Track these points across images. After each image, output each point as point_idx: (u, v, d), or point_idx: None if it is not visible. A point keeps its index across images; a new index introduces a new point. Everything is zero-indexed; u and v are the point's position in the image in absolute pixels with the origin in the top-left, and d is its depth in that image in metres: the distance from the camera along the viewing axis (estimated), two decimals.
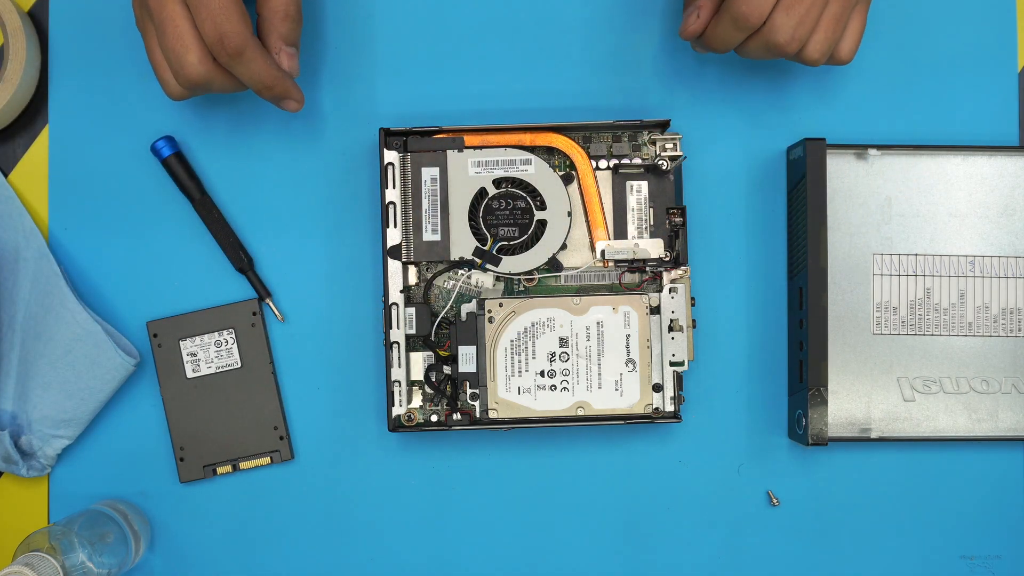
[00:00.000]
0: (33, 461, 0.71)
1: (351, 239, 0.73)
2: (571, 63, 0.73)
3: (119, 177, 0.73)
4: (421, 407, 0.70)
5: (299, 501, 0.73)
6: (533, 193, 0.70)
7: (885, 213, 0.71)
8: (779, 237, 0.73)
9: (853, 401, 0.71)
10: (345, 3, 0.73)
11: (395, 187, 0.70)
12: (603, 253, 0.70)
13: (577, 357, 0.68)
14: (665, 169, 0.70)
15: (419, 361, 0.70)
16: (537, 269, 0.70)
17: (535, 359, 0.68)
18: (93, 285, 0.73)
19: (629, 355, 0.68)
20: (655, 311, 0.69)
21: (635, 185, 0.71)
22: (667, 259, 0.70)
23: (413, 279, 0.70)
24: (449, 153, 0.69)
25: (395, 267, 0.70)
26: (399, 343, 0.69)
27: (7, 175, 0.73)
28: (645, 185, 0.71)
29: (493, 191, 0.70)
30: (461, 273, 0.70)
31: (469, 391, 0.69)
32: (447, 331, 0.70)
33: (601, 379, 0.68)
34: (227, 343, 0.72)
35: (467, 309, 0.69)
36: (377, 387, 0.73)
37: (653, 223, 0.70)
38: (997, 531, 0.73)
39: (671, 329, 0.69)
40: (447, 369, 0.70)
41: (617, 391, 0.68)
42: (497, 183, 0.70)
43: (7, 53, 0.70)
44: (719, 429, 0.73)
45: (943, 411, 0.71)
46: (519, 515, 0.73)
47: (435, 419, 0.70)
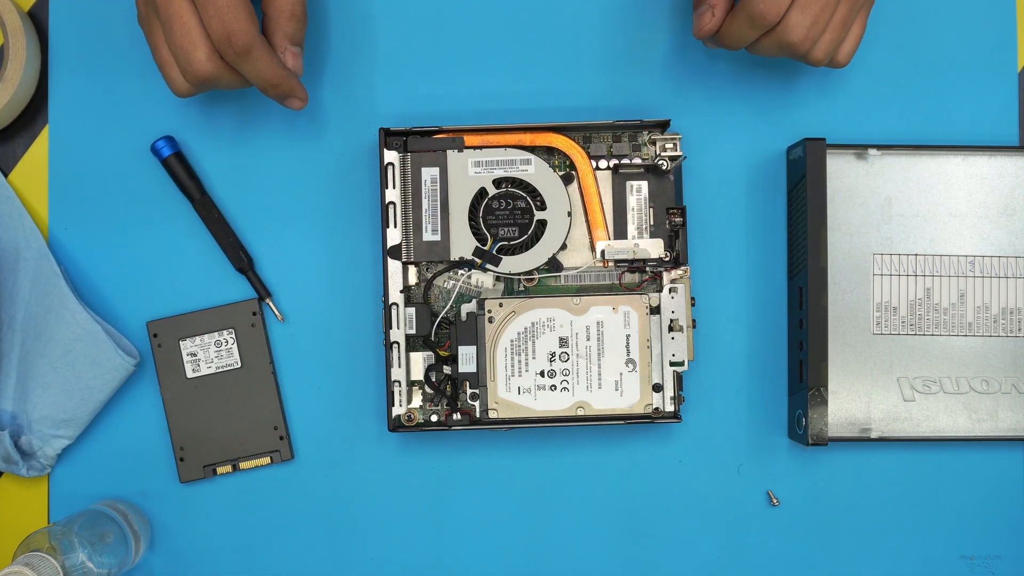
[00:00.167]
0: (33, 461, 0.71)
1: (351, 239, 0.73)
2: (571, 63, 0.73)
3: (119, 177, 0.73)
4: (421, 407, 0.70)
5: (299, 501, 0.73)
6: (533, 193, 0.70)
7: (885, 213, 0.71)
8: (779, 237, 0.73)
9: (853, 401, 0.71)
10: (346, 3, 0.73)
11: (395, 187, 0.70)
12: (603, 253, 0.70)
13: (577, 357, 0.68)
14: (665, 169, 0.70)
15: (419, 361, 0.70)
16: (537, 269, 0.70)
17: (535, 359, 0.68)
18: (93, 285, 0.73)
19: (629, 355, 0.68)
20: (655, 311, 0.69)
21: (635, 185, 0.70)
22: (667, 259, 0.70)
23: (413, 279, 0.70)
24: (449, 153, 0.69)
25: (395, 267, 0.70)
26: (399, 343, 0.69)
27: (7, 175, 0.73)
28: (645, 185, 0.71)
29: (493, 191, 0.70)
30: (461, 273, 0.70)
31: (469, 391, 0.69)
32: (447, 331, 0.70)
33: (601, 379, 0.68)
34: (227, 343, 0.72)
35: (467, 309, 0.69)
36: (377, 387, 0.73)
37: (653, 223, 0.70)
38: (997, 531, 0.73)
39: (671, 329, 0.69)
40: (447, 369, 0.70)
41: (617, 391, 0.68)
42: (497, 183, 0.70)
43: (7, 53, 0.70)
44: (719, 429, 0.73)
45: (943, 411, 0.71)
46: (519, 515, 0.73)
47: (435, 419, 0.70)
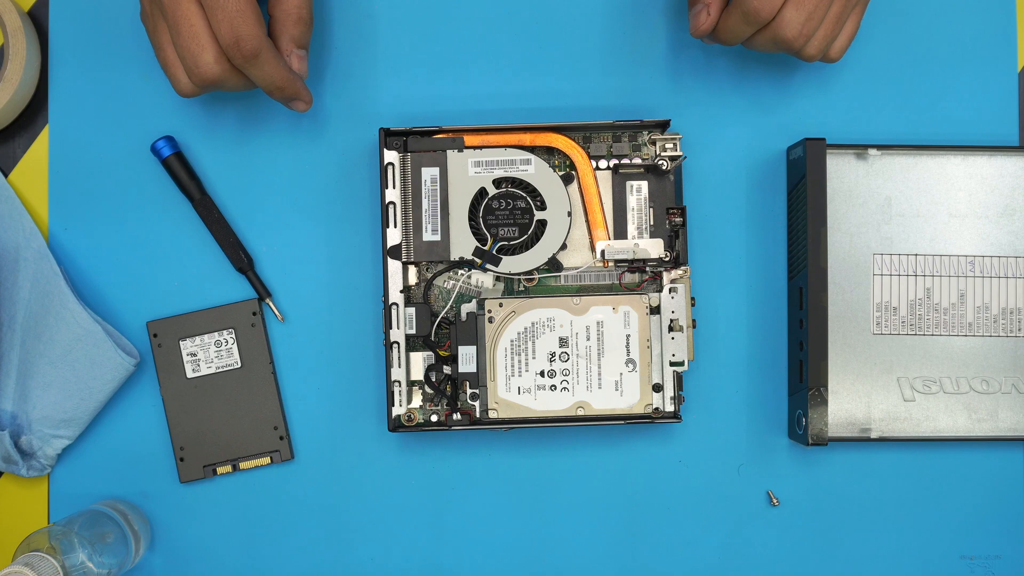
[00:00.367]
0: (33, 461, 0.71)
1: (351, 239, 0.73)
2: (571, 63, 0.73)
3: (119, 177, 0.73)
4: (421, 407, 0.70)
5: (299, 501, 0.73)
6: (533, 193, 0.70)
7: (885, 213, 0.71)
8: (779, 237, 0.73)
9: (853, 401, 0.71)
10: (346, 3, 0.73)
11: (395, 187, 0.70)
12: (603, 253, 0.70)
13: (577, 357, 0.68)
14: (665, 169, 0.70)
15: (419, 361, 0.70)
16: (537, 269, 0.70)
17: (535, 359, 0.68)
18: (93, 285, 0.73)
19: (629, 355, 0.68)
20: (655, 311, 0.69)
21: (635, 185, 0.70)
22: (667, 259, 0.70)
23: (413, 279, 0.70)
24: (449, 153, 0.69)
25: (395, 267, 0.70)
26: (399, 343, 0.69)
27: (7, 175, 0.73)
28: (645, 185, 0.71)
29: (493, 191, 0.70)
30: (461, 273, 0.70)
31: (469, 391, 0.69)
32: (447, 331, 0.70)
33: (601, 379, 0.68)
34: (227, 343, 0.72)
35: (467, 309, 0.69)
36: (377, 387, 0.73)
37: (653, 223, 0.70)
38: (997, 531, 0.73)
39: (671, 329, 0.69)
40: (447, 369, 0.70)
41: (617, 391, 0.68)
42: (497, 183, 0.70)
43: (7, 53, 0.70)
44: (719, 429, 0.73)
45: (943, 411, 0.71)
46: (519, 515, 0.73)
47: (435, 419, 0.70)
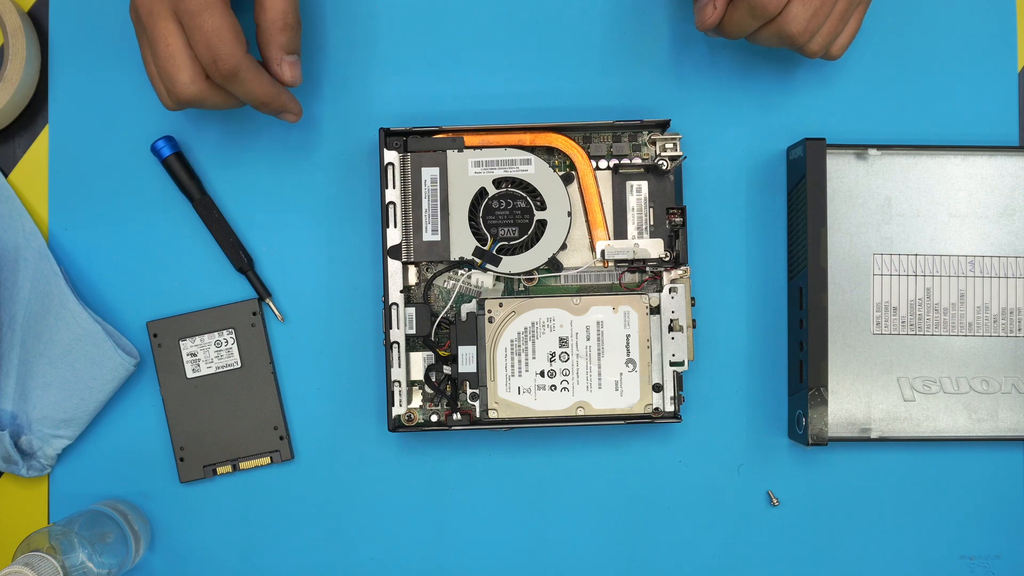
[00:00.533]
0: (33, 461, 0.71)
1: (351, 239, 0.73)
2: (571, 63, 0.73)
3: (119, 177, 0.73)
4: (421, 407, 0.70)
5: (299, 501, 0.73)
6: (533, 193, 0.70)
7: (885, 213, 0.71)
8: (779, 237, 0.73)
9: (853, 401, 0.71)
10: (345, 3, 0.73)
11: (395, 187, 0.70)
12: (603, 253, 0.70)
13: (577, 357, 0.68)
14: (665, 169, 0.70)
15: (419, 361, 0.70)
16: (537, 269, 0.70)
17: (535, 359, 0.68)
18: (93, 285, 0.73)
19: (629, 355, 0.68)
20: (655, 311, 0.69)
21: (635, 185, 0.70)
22: (667, 259, 0.70)
23: (413, 279, 0.70)
24: (449, 153, 0.69)
25: (395, 267, 0.70)
26: (399, 343, 0.69)
27: (7, 175, 0.73)
28: (645, 185, 0.71)
29: (493, 191, 0.70)
30: (461, 273, 0.70)
31: (469, 391, 0.69)
32: (447, 331, 0.70)
33: (601, 379, 0.68)
34: (227, 343, 0.72)
35: (467, 309, 0.69)
36: (377, 387, 0.73)
37: (653, 223, 0.70)
38: (997, 531, 0.73)
39: (671, 329, 0.69)
40: (447, 369, 0.70)
41: (617, 391, 0.68)
42: (497, 183, 0.70)
43: (7, 53, 0.70)
44: (719, 429, 0.73)
45: (943, 411, 0.71)
46: (519, 515, 0.73)
47: (435, 419, 0.70)
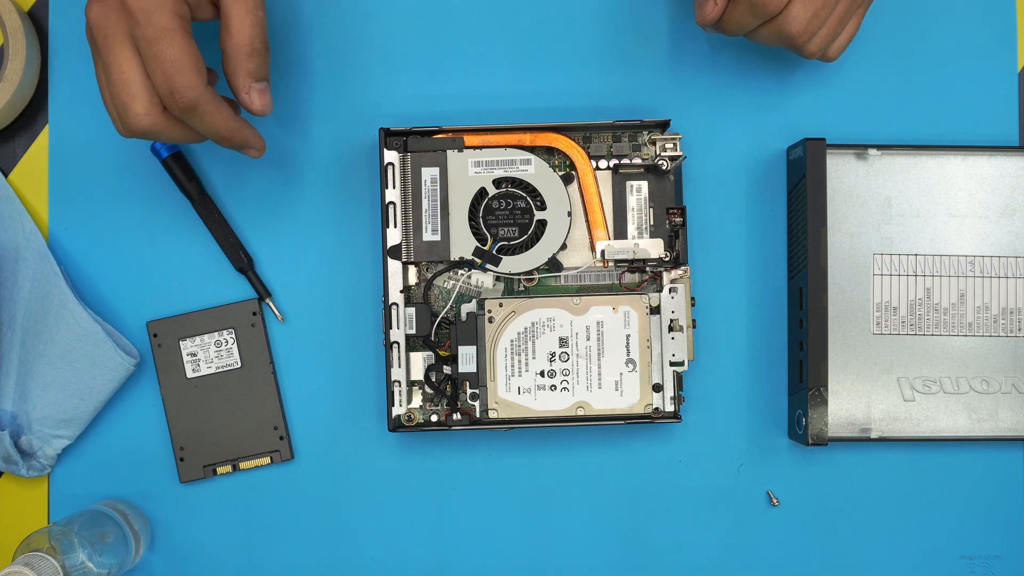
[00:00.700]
0: (33, 461, 0.71)
1: (351, 239, 0.73)
2: (571, 63, 0.73)
3: (119, 177, 0.73)
4: (421, 407, 0.70)
5: (299, 501, 0.73)
6: (533, 193, 0.70)
7: (885, 213, 0.71)
8: (779, 237, 0.73)
9: (853, 401, 0.71)
10: (345, 3, 0.73)
11: (395, 187, 0.70)
12: (603, 253, 0.70)
13: (577, 357, 0.68)
14: (665, 169, 0.70)
15: (419, 361, 0.70)
16: (537, 269, 0.70)
17: (535, 359, 0.68)
18: (93, 285, 0.73)
19: (629, 355, 0.68)
20: (655, 311, 0.69)
21: (635, 185, 0.70)
22: (667, 259, 0.70)
23: (413, 279, 0.70)
24: (449, 153, 0.69)
25: (395, 267, 0.70)
26: (399, 343, 0.69)
27: (7, 175, 0.73)
28: (645, 185, 0.71)
29: (493, 191, 0.70)
30: (461, 273, 0.70)
31: (469, 391, 0.69)
32: (447, 331, 0.70)
33: (601, 379, 0.68)
34: (227, 343, 0.72)
35: (467, 309, 0.69)
36: (377, 387, 0.73)
37: (653, 223, 0.70)
38: (997, 531, 0.73)
39: (671, 329, 0.69)
40: (447, 369, 0.70)
41: (617, 391, 0.68)
42: (497, 183, 0.70)
43: (7, 53, 0.70)
44: (719, 429, 0.73)
45: (943, 411, 0.71)
46: (519, 515, 0.73)
47: (435, 419, 0.70)
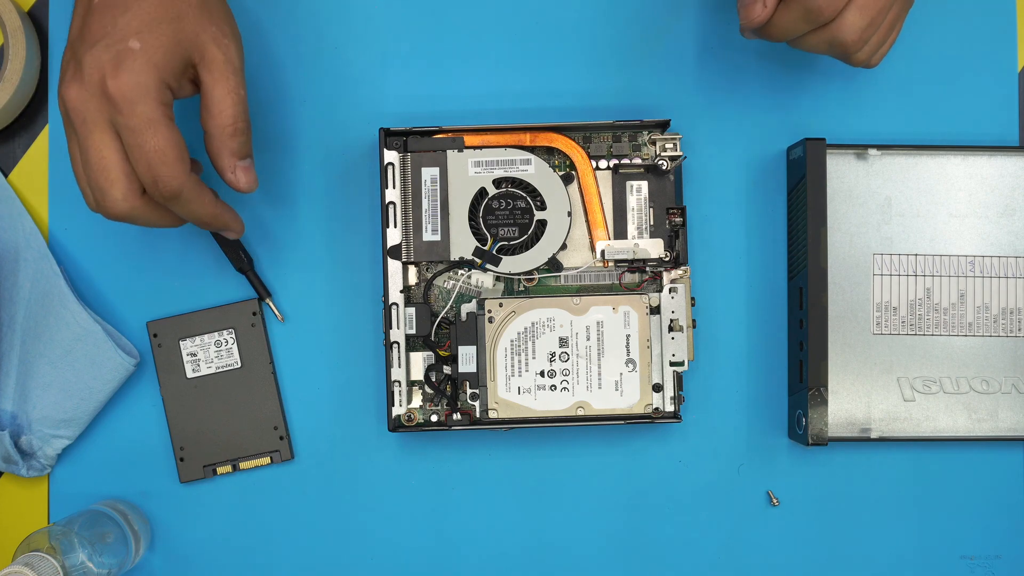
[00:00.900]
0: (33, 461, 0.71)
1: (351, 239, 0.73)
2: (571, 63, 0.73)
3: None
4: (421, 407, 0.70)
5: (299, 501, 0.73)
6: (533, 193, 0.70)
7: (885, 213, 0.71)
8: (779, 237, 0.73)
9: (853, 401, 0.71)
10: (345, 3, 0.73)
11: (395, 187, 0.70)
12: (603, 253, 0.70)
13: (577, 357, 0.68)
14: (665, 169, 0.70)
15: (419, 361, 0.70)
16: (537, 269, 0.70)
17: (535, 359, 0.68)
18: (93, 285, 0.73)
19: (629, 355, 0.68)
20: (655, 311, 0.69)
21: (635, 185, 0.70)
22: (667, 259, 0.70)
23: (413, 279, 0.70)
24: (449, 153, 0.69)
25: (395, 267, 0.70)
26: (399, 343, 0.69)
27: (7, 175, 0.73)
28: (645, 185, 0.71)
29: (493, 191, 0.70)
30: (461, 273, 0.70)
31: (469, 391, 0.69)
32: (447, 331, 0.70)
33: (601, 379, 0.68)
34: (227, 343, 0.72)
35: (467, 309, 0.69)
36: (377, 387, 0.73)
37: (653, 223, 0.70)
38: (997, 531, 0.73)
39: (671, 329, 0.69)
40: (447, 369, 0.70)
41: (617, 391, 0.68)
42: (497, 183, 0.70)
43: (7, 53, 0.70)
44: (719, 429, 0.73)
45: (943, 411, 0.71)
46: (519, 515, 0.73)
47: (435, 419, 0.70)
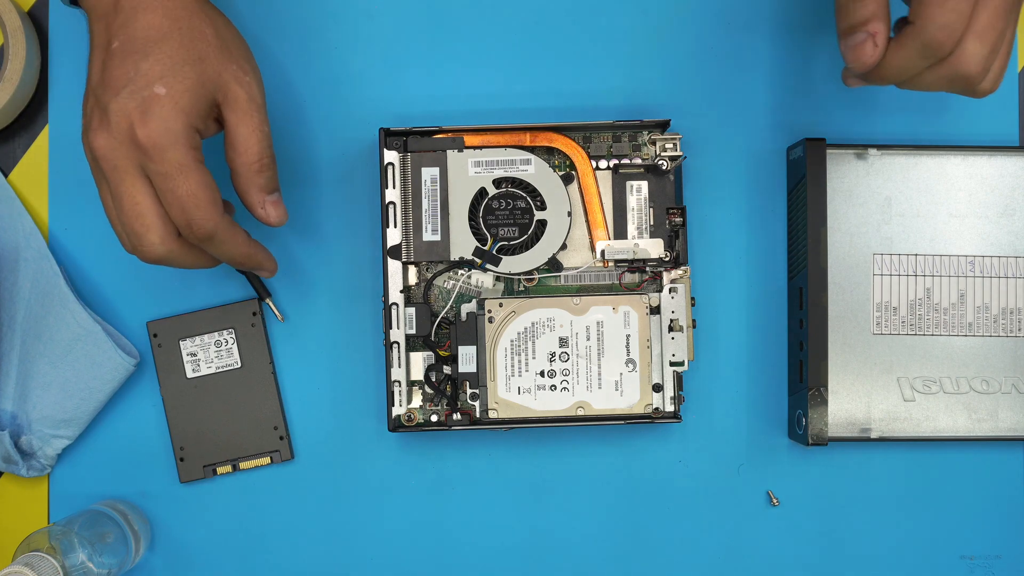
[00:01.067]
0: (33, 461, 0.71)
1: (351, 239, 0.73)
2: (571, 63, 0.73)
3: None
4: (421, 407, 0.70)
5: (299, 501, 0.73)
6: (533, 193, 0.70)
7: (885, 213, 0.71)
8: (779, 237, 0.73)
9: (853, 401, 0.71)
10: (346, 3, 0.73)
11: (395, 187, 0.70)
12: (603, 253, 0.70)
13: (577, 357, 0.68)
14: (665, 169, 0.70)
15: (419, 361, 0.70)
16: (537, 269, 0.70)
17: (535, 359, 0.68)
18: (93, 285, 0.73)
19: (629, 355, 0.68)
20: (655, 311, 0.69)
21: (635, 185, 0.70)
22: (667, 259, 0.70)
23: (413, 279, 0.70)
24: (449, 153, 0.69)
25: (395, 267, 0.70)
26: (399, 343, 0.69)
27: (7, 175, 0.73)
28: (645, 185, 0.71)
29: (493, 191, 0.70)
30: (461, 273, 0.70)
31: (469, 391, 0.69)
32: (447, 331, 0.70)
33: (601, 379, 0.68)
34: (227, 343, 0.72)
35: (467, 309, 0.69)
36: (377, 387, 0.73)
37: (653, 223, 0.70)
38: (997, 531, 0.73)
39: (671, 329, 0.69)
40: (447, 369, 0.70)
41: (617, 391, 0.68)
42: (497, 183, 0.70)
43: (7, 53, 0.70)
44: (719, 429, 0.73)
45: (943, 411, 0.71)
46: (519, 515, 0.73)
47: (435, 419, 0.70)
